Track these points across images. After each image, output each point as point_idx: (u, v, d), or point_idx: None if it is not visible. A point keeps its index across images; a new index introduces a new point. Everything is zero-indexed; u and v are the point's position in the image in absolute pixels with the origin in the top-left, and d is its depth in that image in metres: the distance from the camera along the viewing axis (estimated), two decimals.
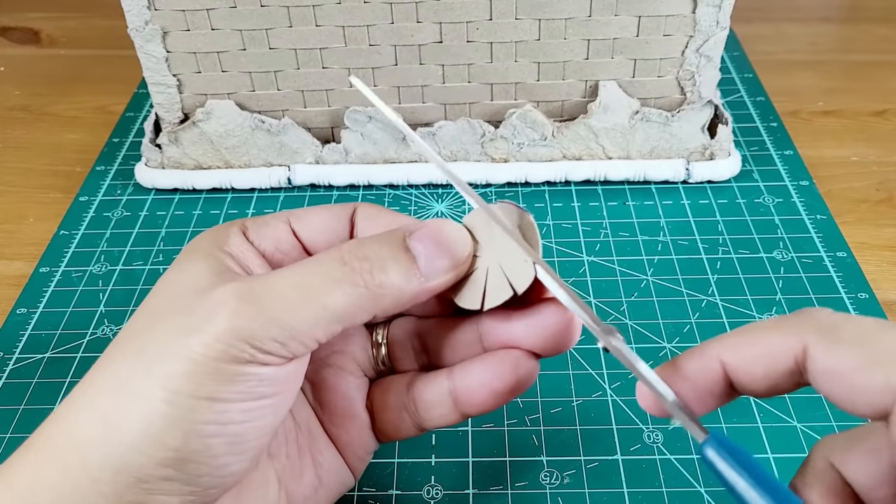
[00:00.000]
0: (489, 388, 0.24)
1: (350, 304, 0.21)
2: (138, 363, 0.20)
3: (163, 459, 0.20)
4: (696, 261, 0.42)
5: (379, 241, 0.22)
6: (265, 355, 0.20)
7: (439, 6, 0.42)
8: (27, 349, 0.38)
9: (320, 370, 0.27)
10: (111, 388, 0.20)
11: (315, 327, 0.21)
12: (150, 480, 0.20)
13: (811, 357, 0.20)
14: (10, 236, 0.46)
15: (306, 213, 0.26)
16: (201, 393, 0.20)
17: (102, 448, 0.20)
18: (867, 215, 0.45)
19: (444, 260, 0.23)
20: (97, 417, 0.20)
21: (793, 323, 0.21)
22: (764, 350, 0.21)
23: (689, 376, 0.22)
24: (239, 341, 0.20)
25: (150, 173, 0.47)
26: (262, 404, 0.21)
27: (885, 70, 0.59)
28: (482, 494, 0.31)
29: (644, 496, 0.31)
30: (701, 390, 0.21)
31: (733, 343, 0.21)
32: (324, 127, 0.47)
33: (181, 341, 0.20)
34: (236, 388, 0.20)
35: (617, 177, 0.46)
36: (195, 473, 0.20)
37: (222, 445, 0.20)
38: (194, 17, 0.42)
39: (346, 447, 0.27)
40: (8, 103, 0.59)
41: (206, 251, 0.23)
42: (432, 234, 0.23)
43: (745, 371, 0.21)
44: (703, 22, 0.42)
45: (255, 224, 0.25)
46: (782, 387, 0.21)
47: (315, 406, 0.27)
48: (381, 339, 0.27)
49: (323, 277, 0.21)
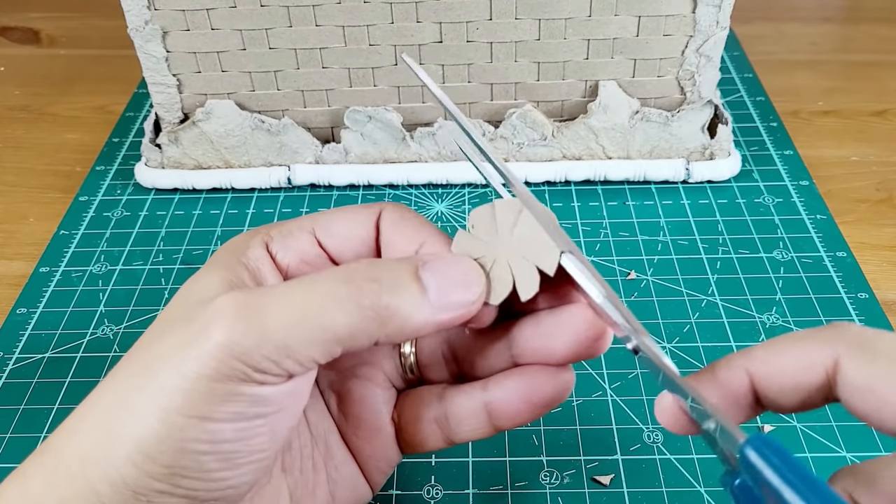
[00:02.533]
0: (527, 401, 0.24)
1: (352, 325, 0.20)
2: (139, 377, 0.20)
3: (156, 474, 0.20)
4: (696, 261, 0.42)
5: (389, 265, 0.21)
6: (260, 374, 0.20)
7: (439, 6, 0.42)
8: (27, 349, 0.38)
9: (346, 381, 0.26)
10: (113, 402, 0.20)
11: (312, 347, 0.20)
12: (147, 493, 0.20)
13: (842, 370, 0.19)
14: (10, 236, 0.46)
15: (330, 221, 0.25)
16: (192, 412, 0.19)
17: (102, 460, 0.20)
18: (867, 215, 0.45)
19: (455, 296, 0.22)
20: (99, 430, 0.20)
21: (824, 336, 0.20)
22: (794, 362, 0.20)
23: (715, 386, 0.21)
24: (232, 359, 0.19)
25: (150, 173, 0.47)
26: (257, 423, 0.20)
27: (885, 70, 0.59)
28: (482, 494, 0.31)
29: (644, 496, 0.31)
30: (727, 401, 0.21)
31: (762, 354, 0.21)
32: (324, 127, 0.47)
33: (177, 356, 0.20)
34: (229, 408, 0.20)
35: (617, 177, 0.46)
36: (190, 487, 0.20)
37: (215, 462, 0.20)
38: (194, 16, 0.42)
39: (367, 460, 0.26)
40: (8, 103, 0.59)
41: (224, 261, 0.23)
42: (446, 268, 0.22)
43: (773, 382, 0.20)
44: (703, 22, 0.42)
45: (279, 235, 0.24)
46: (811, 401, 0.20)
47: (339, 418, 0.26)
48: (408, 349, 0.26)
49: (325, 295, 0.20)
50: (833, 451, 0.32)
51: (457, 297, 0.22)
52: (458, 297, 0.22)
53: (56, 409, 0.35)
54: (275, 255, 0.24)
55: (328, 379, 0.26)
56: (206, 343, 0.19)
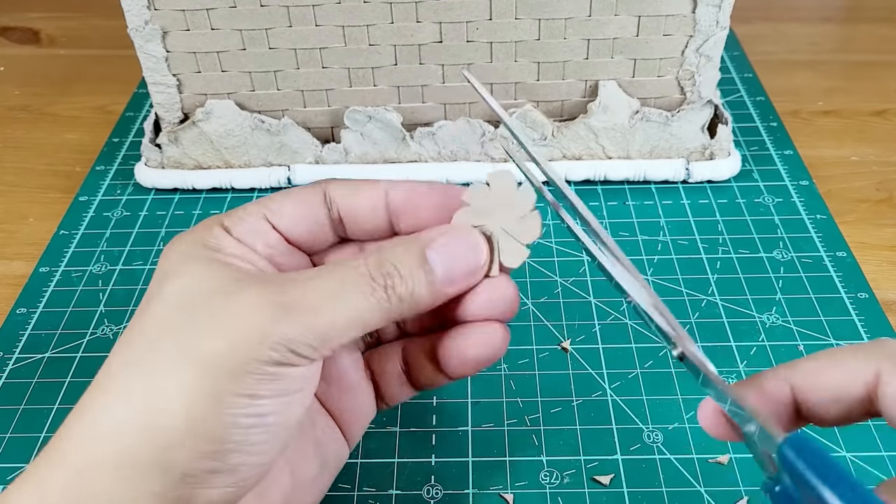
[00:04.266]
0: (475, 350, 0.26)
1: (375, 313, 0.23)
2: (174, 364, 0.21)
3: (207, 453, 0.21)
4: (696, 261, 0.42)
5: (398, 256, 0.24)
6: (298, 358, 0.22)
7: (439, 6, 0.42)
8: (27, 349, 0.38)
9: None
10: (146, 392, 0.21)
11: (344, 334, 0.22)
12: (196, 474, 0.21)
13: (884, 383, 0.20)
14: (10, 236, 0.46)
15: (279, 204, 0.26)
16: (242, 390, 0.21)
17: (151, 445, 0.20)
18: (867, 215, 0.45)
19: (461, 269, 0.24)
20: (139, 416, 0.21)
21: (866, 350, 0.21)
22: (835, 375, 0.21)
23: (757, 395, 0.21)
24: (279, 345, 0.21)
25: (150, 173, 0.47)
26: (290, 399, 0.22)
27: (885, 70, 0.59)
28: (482, 494, 0.31)
29: (644, 496, 0.31)
30: (768, 411, 0.21)
31: (805, 366, 0.21)
32: (323, 127, 0.47)
33: (217, 344, 0.21)
34: (273, 385, 0.21)
35: (617, 177, 0.46)
36: (238, 463, 0.21)
37: (260, 435, 0.22)
38: (194, 16, 0.42)
39: (348, 420, 0.28)
40: (8, 103, 0.59)
41: (206, 256, 0.23)
42: (450, 243, 0.24)
43: (815, 395, 0.21)
44: (702, 22, 0.42)
45: (232, 222, 0.25)
46: (852, 414, 0.21)
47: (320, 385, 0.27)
48: None
49: (352, 289, 0.23)
50: (833, 451, 0.32)
51: (463, 269, 0.24)
52: (464, 270, 0.25)
53: (56, 409, 0.35)
54: (241, 241, 0.25)
55: None
56: (252, 332, 0.21)
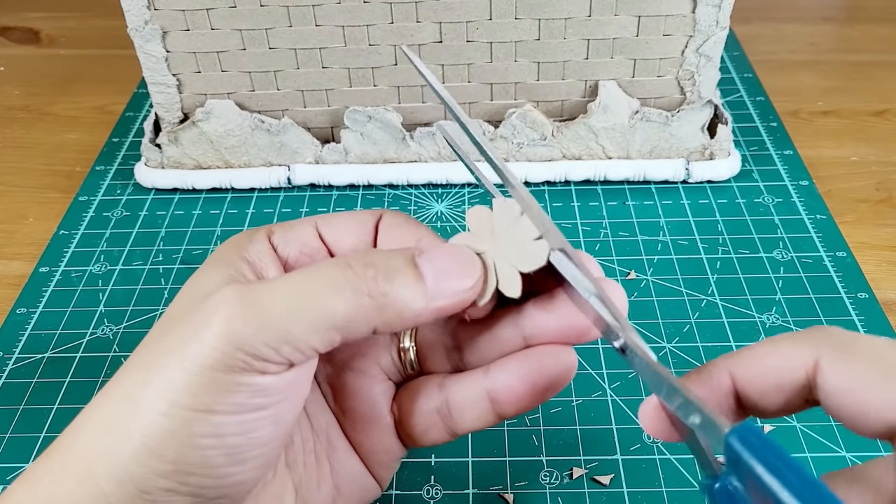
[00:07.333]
0: (530, 383, 0.23)
1: (350, 311, 0.20)
2: (143, 374, 0.20)
3: (162, 471, 0.20)
4: (695, 261, 0.42)
5: (387, 253, 0.22)
6: (260, 363, 0.20)
7: (439, 6, 0.42)
8: (27, 349, 0.38)
9: (342, 374, 0.26)
10: (118, 400, 0.21)
11: (310, 334, 0.20)
12: (153, 492, 0.20)
13: (823, 371, 0.19)
14: (10, 236, 0.46)
15: (333, 217, 0.25)
16: (197, 405, 0.19)
17: (109, 459, 0.20)
18: (867, 215, 0.45)
19: (451, 283, 0.22)
20: (105, 428, 0.20)
21: (805, 337, 0.20)
22: (775, 362, 0.20)
23: (698, 386, 0.21)
24: (232, 348, 0.19)
25: (150, 173, 0.47)
26: (260, 415, 0.20)
27: (885, 70, 0.59)
28: (482, 494, 0.31)
29: (644, 496, 0.31)
30: (710, 402, 0.21)
31: (744, 356, 0.21)
32: (323, 127, 0.47)
33: (179, 350, 0.20)
34: (232, 399, 0.20)
35: (617, 177, 0.46)
36: (197, 485, 0.20)
37: (220, 457, 0.20)
38: (194, 16, 0.42)
39: (368, 454, 0.26)
40: (8, 103, 0.59)
41: (225, 258, 0.23)
42: (442, 256, 0.22)
43: (754, 384, 0.21)
44: (702, 22, 0.42)
45: (281, 229, 0.25)
46: (791, 404, 0.21)
47: (336, 412, 0.26)
48: (408, 343, 0.26)
49: (324, 281, 0.20)
50: (833, 451, 0.32)
51: (453, 284, 0.22)
52: (454, 284, 0.22)
53: (56, 409, 0.35)
54: (276, 247, 0.24)
55: (324, 373, 0.26)
56: (207, 334, 0.20)
